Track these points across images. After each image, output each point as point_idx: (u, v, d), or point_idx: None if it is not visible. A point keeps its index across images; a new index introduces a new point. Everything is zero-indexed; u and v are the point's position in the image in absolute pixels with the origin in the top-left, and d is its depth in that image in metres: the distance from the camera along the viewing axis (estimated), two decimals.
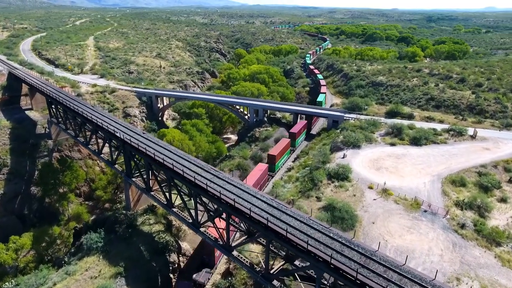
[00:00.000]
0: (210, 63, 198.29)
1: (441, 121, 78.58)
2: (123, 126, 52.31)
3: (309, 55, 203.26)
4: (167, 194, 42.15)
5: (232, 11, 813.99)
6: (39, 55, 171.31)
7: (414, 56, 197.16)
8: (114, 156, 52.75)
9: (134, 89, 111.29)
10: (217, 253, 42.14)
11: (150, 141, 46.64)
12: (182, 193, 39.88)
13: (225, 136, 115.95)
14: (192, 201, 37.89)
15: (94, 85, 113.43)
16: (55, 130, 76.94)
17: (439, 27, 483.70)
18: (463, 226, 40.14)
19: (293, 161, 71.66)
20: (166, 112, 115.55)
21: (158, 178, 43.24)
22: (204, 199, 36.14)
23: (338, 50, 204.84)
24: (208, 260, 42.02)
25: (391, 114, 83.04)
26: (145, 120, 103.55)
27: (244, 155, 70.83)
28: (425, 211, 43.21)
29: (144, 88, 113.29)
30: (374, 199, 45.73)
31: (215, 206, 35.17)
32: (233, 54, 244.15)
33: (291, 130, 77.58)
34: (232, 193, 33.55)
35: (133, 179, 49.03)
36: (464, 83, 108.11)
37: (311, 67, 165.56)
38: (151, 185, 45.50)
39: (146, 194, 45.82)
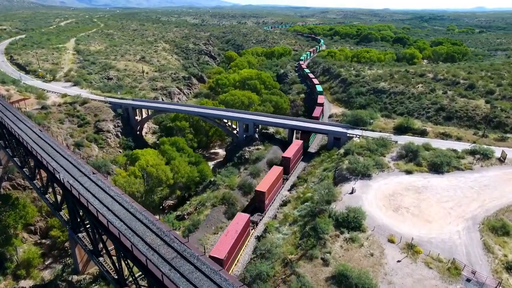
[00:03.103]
0: (198, 67, 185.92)
1: (458, 139, 68.17)
2: (70, 163, 40.32)
3: (308, 52, 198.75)
4: (118, 263, 30.37)
5: (224, 11, 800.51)
6: (10, 59, 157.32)
7: (412, 58, 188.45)
8: (59, 201, 40.68)
9: (109, 99, 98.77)
10: (267, 201, 52.62)
11: (99, 187, 34.84)
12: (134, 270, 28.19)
13: (212, 151, 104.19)
14: None
15: (64, 95, 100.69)
16: (5, 154, 64.30)
17: (432, 27, 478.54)
18: None
19: (289, 190, 60.37)
20: (145, 125, 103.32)
21: (106, 243, 31.46)
22: None
23: (334, 52, 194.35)
24: (259, 206, 52.61)
25: (400, 130, 72.36)
26: (120, 135, 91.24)
27: (231, 183, 59.26)
28: (468, 280, 32.34)
29: (121, 99, 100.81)
30: (399, 261, 34.66)
31: None
32: (223, 56, 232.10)
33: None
34: None
35: (80, 234, 37.07)
36: (474, 90, 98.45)
37: (301, 62, 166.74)
38: (100, 248, 33.63)
39: (93, 259, 33.94)
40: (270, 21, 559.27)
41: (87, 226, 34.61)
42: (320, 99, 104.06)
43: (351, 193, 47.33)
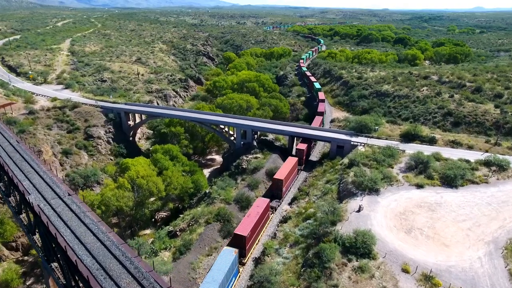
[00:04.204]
0: (196, 68, 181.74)
1: (470, 147, 63.93)
2: (45, 182, 35.98)
3: (310, 52, 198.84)
4: None
5: (223, 12, 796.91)
6: (2, 61, 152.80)
7: (414, 59, 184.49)
8: (33, 224, 36.33)
9: (100, 103, 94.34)
10: (284, 188, 56.12)
11: (73, 212, 30.48)
12: None
13: (209, 157, 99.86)
14: None
15: (54, 99, 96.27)
16: None
17: (432, 27, 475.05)
18: None
19: (289, 204, 56.11)
20: (139, 130, 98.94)
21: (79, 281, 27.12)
22: None
23: (334, 53, 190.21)
24: (277, 194, 56.22)
25: (408, 137, 68.08)
26: (111, 141, 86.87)
27: (227, 197, 54.97)
28: None
29: (113, 102, 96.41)
30: None
31: None
32: (221, 57, 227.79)
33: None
34: None
35: (54, 264, 32.75)
36: (481, 93, 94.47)
37: (301, 62, 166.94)
38: (73, 283, 29.28)
39: None
40: (269, 21, 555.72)
41: (60, 256, 30.39)
42: (321, 95, 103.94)
43: (358, 211, 43.06)
